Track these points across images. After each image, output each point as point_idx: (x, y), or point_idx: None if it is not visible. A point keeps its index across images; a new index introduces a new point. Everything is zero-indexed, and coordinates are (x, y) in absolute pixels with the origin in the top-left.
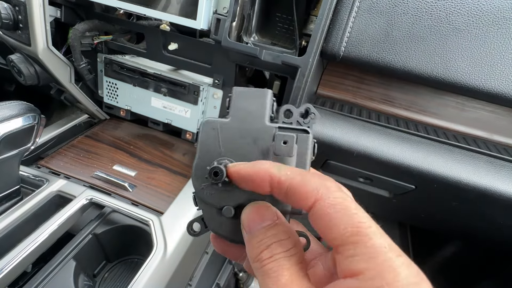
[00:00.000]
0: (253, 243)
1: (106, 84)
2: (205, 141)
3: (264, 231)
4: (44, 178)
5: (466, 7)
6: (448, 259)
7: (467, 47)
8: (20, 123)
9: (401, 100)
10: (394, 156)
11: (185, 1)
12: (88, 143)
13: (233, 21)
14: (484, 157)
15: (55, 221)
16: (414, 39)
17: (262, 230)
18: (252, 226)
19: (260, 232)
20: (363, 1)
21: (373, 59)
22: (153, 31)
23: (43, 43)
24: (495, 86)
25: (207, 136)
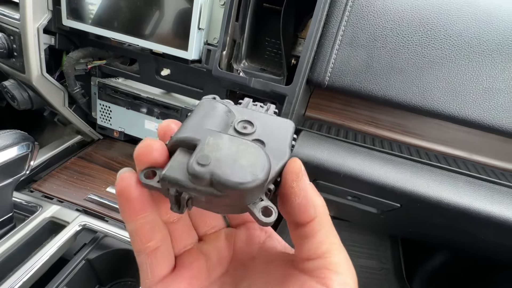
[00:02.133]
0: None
1: (99, 106)
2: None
3: None
4: (37, 204)
5: (440, 42)
6: (438, 268)
7: (441, 78)
8: (14, 153)
9: (386, 121)
10: (379, 177)
11: (176, 32)
12: (81, 165)
13: (223, 50)
14: (464, 177)
15: (49, 249)
16: (393, 71)
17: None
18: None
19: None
20: (345, 35)
21: (356, 88)
22: (145, 57)
23: (38, 70)
24: (468, 113)
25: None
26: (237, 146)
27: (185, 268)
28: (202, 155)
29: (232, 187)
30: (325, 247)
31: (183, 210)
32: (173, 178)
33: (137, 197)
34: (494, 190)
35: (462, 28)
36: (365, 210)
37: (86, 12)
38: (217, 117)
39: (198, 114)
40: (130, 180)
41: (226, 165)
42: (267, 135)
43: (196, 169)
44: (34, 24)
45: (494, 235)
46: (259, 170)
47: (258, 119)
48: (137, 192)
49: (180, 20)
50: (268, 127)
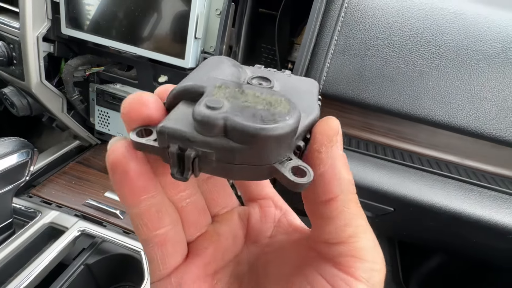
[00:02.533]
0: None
1: (98, 112)
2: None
3: None
4: (36, 210)
5: (429, 52)
6: (434, 270)
7: (431, 86)
8: (14, 160)
9: (379, 127)
10: (372, 182)
11: (173, 41)
12: (79, 170)
13: None
14: (455, 182)
15: (48, 254)
16: (385, 79)
17: None
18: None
19: None
20: (338, 44)
21: (349, 96)
22: (143, 64)
23: (37, 78)
24: (457, 121)
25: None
26: (256, 93)
27: (199, 255)
28: (213, 99)
29: (252, 133)
30: (350, 231)
31: (188, 175)
32: (174, 129)
33: (136, 172)
34: (484, 194)
35: (451, 38)
36: None
37: (84, 21)
38: (226, 69)
39: (203, 66)
40: (126, 151)
41: (244, 109)
42: (288, 92)
43: (204, 112)
44: (34, 33)
45: (484, 238)
46: (287, 114)
47: (275, 78)
48: (135, 165)
49: (176, 29)
50: (289, 84)
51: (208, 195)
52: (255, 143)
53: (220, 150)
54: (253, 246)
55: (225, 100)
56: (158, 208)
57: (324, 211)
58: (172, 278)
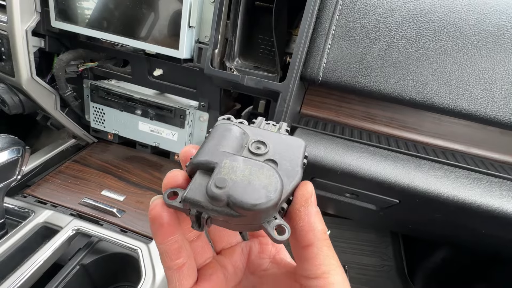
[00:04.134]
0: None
1: (92, 109)
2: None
3: None
4: (29, 210)
5: (434, 33)
6: (440, 263)
7: (436, 70)
8: (4, 157)
9: (381, 116)
10: (376, 173)
11: (167, 31)
12: (75, 168)
13: (215, 49)
14: (462, 171)
15: (42, 254)
16: (388, 64)
17: None
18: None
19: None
20: (338, 30)
21: (350, 83)
22: (138, 58)
23: (27, 73)
24: (465, 105)
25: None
26: (251, 168)
27: (206, 280)
28: (219, 178)
29: (247, 208)
30: (323, 268)
31: (203, 228)
32: (194, 200)
33: (168, 223)
34: (494, 183)
35: (457, 18)
36: (364, 207)
37: (75, 13)
38: (232, 139)
39: (214, 137)
40: (163, 208)
41: (242, 187)
42: (279, 155)
43: (214, 191)
44: (22, 27)
45: (494, 229)
46: (272, 191)
47: (270, 139)
48: (168, 218)
49: (170, 18)
50: (280, 146)
51: (216, 234)
52: (248, 214)
53: (225, 215)
54: (252, 276)
55: (228, 176)
56: (179, 245)
57: (303, 254)
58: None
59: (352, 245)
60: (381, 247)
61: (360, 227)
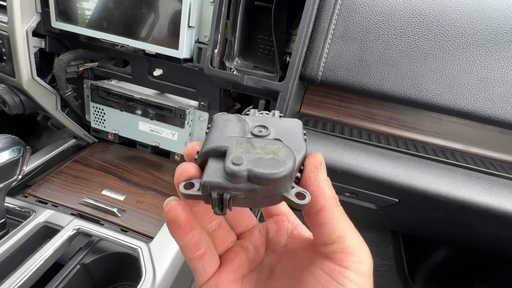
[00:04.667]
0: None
1: (93, 109)
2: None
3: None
4: (30, 210)
5: (433, 32)
6: (440, 263)
7: (435, 69)
8: (5, 157)
9: (381, 116)
10: (376, 172)
11: (167, 31)
12: (76, 168)
13: (215, 48)
14: (461, 170)
15: (43, 254)
16: (387, 63)
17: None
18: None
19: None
20: (337, 29)
21: (350, 82)
22: (137, 58)
23: (28, 74)
24: (464, 104)
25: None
26: (261, 145)
27: (229, 263)
28: (235, 156)
29: (268, 178)
30: (337, 233)
31: (225, 211)
32: (214, 182)
33: (185, 222)
34: (493, 182)
35: (455, 17)
36: (364, 206)
37: (75, 14)
38: (234, 126)
39: (216, 127)
40: (177, 209)
41: (258, 161)
42: (281, 135)
43: (233, 168)
44: (23, 27)
45: (494, 228)
46: (287, 160)
47: (269, 123)
48: (184, 217)
49: (170, 18)
50: (280, 128)
51: (233, 219)
52: (270, 184)
53: (246, 191)
54: (272, 254)
55: (243, 155)
56: (198, 238)
57: (316, 220)
58: (211, 282)
59: None
60: (382, 246)
61: (360, 226)
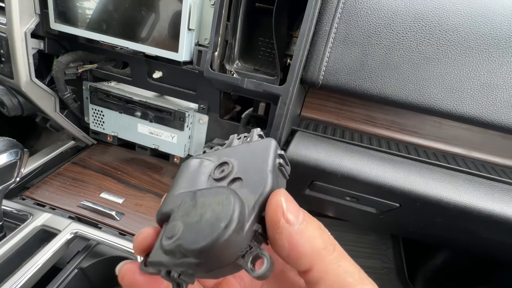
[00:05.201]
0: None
1: (92, 111)
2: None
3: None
4: (28, 213)
5: (435, 37)
6: (440, 266)
7: (438, 74)
8: (3, 160)
9: (382, 120)
10: (376, 177)
11: (166, 34)
12: (74, 170)
13: (215, 51)
14: (463, 175)
15: (40, 257)
16: (388, 68)
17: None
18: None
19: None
20: (338, 33)
21: (351, 86)
22: (137, 60)
23: (26, 76)
24: (466, 110)
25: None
26: (205, 200)
27: None
28: (169, 227)
29: (198, 251)
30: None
31: (185, 287)
32: (155, 262)
33: (144, 283)
34: (495, 187)
35: (458, 22)
36: (364, 210)
37: (74, 15)
38: (190, 175)
39: (177, 180)
40: (134, 271)
41: (192, 229)
42: (245, 169)
43: (164, 245)
44: (21, 28)
45: (495, 233)
46: (224, 220)
47: (235, 155)
48: (143, 280)
49: (170, 21)
50: (246, 158)
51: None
52: (208, 257)
53: (188, 266)
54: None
55: (181, 220)
56: None
57: (307, 279)
58: None
59: (352, 247)
60: (382, 249)
61: (360, 229)
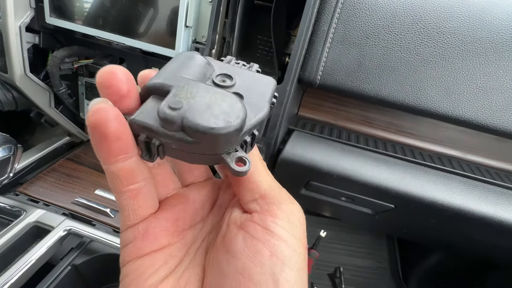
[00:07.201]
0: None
1: (87, 107)
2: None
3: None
4: (21, 209)
5: (433, 40)
6: (434, 267)
7: (435, 76)
8: None
9: (379, 121)
10: (372, 178)
11: (163, 31)
12: (69, 167)
13: (212, 49)
14: (458, 177)
15: (33, 254)
16: (386, 69)
17: None
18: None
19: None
20: (336, 33)
21: (348, 87)
22: (134, 56)
23: (21, 70)
24: (462, 112)
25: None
26: (212, 94)
27: (168, 210)
28: (175, 100)
29: (203, 131)
30: (264, 187)
31: (154, 158)
32: (142, 122)
33: (115, 134)
34: (489, 190)
35: (456, 25)
36: (360, 211)
37: (70, 10)
38: (194, 67)
39: (174, 63)
40: (108, 113)
41: (199, 111)
42: (246, 89)
43: (166, 112)
44: (16, 22)
45: (488, 236)
46: (233, 117)
47: (238, 74)
48: (115, 127)
49: (167, 18)
50: (248, 82)
51: (184, 165)
52: (205, 139)
53: (178, 141)
54: (222, 209)
55: (185, 100)
56: (133, 167)
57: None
58: (139, 226)
59: (347, 247)
60: (376, 249)
61: (355, 229)
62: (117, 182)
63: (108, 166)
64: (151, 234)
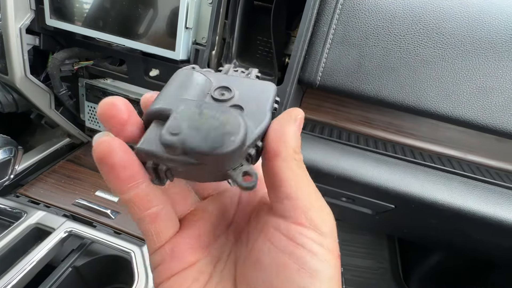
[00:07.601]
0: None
1: (87, 108)
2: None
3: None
4: (22, 210)
5: (432, 40)
6: (435, 267)
7: (434, 77)
8: None
9: (379, 121)
10: (372, 178)
11: (163, 32)
12: (69, 168)
13: (212, 50)
14: (458, 178)
15: (34, 256)
16: (386, 70)
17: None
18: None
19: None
20: (336, 34)
21: (348, 88)
22: (134, 58)
23: (21, 72)
24: (462, 113)
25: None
26: (211, 112)
27: (190, 227)
28: (174, 124)
29: (205, 153)
30: (291, 186)
31: (164, 182)
32: (147, 150)
33: (122, 164)
34: (489, 190)
35: (455, 26)
36: (360, 211)
37: (70, 12)
38: (192, 86)
39: (172, 84)
40: (111, 144)
41: (199, 132)
42: (245, 100)
43: (167, 138)
44: (16, 24)
45: (489, 235)
46: (234, 134)
47: (236, 84)
48: (121, 157)
49: (167, 19)
50: (247, 91)
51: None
52: (208, 160)
53: (183, 164)
54: (243, 217)
55: (185, 123)
56: (146, 192)
57: (271, 169)
58: (166, 247)
59: (347, 247)
60: (377, 249)
61: (355, 229)
62: (134, 209)
63: (122, 196)
64: (177, 253)
